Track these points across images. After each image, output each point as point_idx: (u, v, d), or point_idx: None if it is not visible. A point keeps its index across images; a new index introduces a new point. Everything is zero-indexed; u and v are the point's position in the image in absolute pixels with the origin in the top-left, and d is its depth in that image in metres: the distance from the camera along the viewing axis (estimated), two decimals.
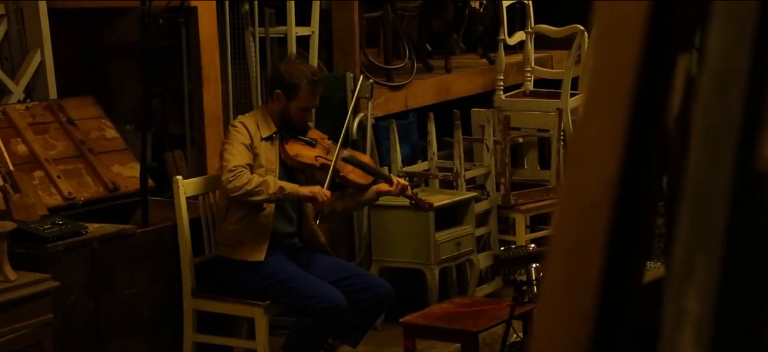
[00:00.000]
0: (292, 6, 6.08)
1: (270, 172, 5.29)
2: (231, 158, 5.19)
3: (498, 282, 6.77)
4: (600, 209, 0.98)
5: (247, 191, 5.13)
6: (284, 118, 5.33)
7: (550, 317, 1.02)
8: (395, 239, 6.22)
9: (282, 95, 5.29)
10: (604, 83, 1.02)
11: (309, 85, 5.27)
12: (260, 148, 5.28)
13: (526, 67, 7.31)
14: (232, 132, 5.28)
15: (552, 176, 6.92)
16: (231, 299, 5.33)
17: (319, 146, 5.45)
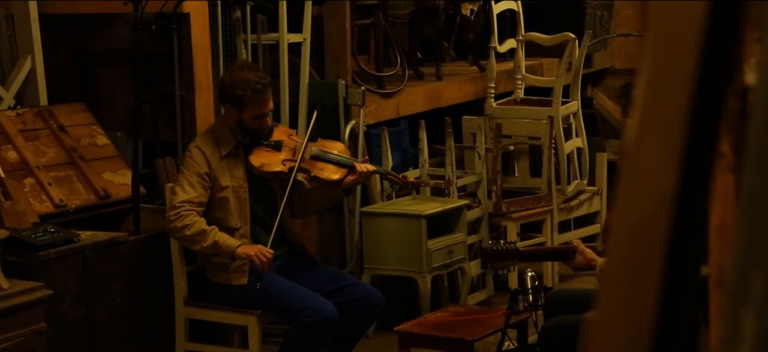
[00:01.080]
0: (284, 13, 6.06)
1: (239, 188, 5.19)
2: (179, 193, 5.11)
3: (489, 290, 6.76)
4: (656, 225, 0.97)
5: (184, 235, 5.08)
6: (243, 127, 5.20)
7: (608, 337, 1.00)
8: (387, 246, 6.20)
9: (232, 108, 5.16)
10: (660, 97, 1.01)
11: (254, 94, 5.09)
12: (221, 168, 5.16)
13: (516, 75, 7.30)
14: (187, 160, 5.17)
15: (543, 184, 6.91)
16: (223, 308, 5.30)
17: (285, 148, 5.29)
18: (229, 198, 5.18)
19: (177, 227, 5.08)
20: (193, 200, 5.10)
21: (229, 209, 5.18)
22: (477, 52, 7.54)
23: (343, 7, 6.43)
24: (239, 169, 5.22)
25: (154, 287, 5.40)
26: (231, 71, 5.29)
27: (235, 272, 5.20)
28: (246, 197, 5.22)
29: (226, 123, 5.26)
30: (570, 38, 7.11)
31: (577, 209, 7.19)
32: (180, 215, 5.07)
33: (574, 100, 7.13)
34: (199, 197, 5.12)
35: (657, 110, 1.03)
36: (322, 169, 5.31)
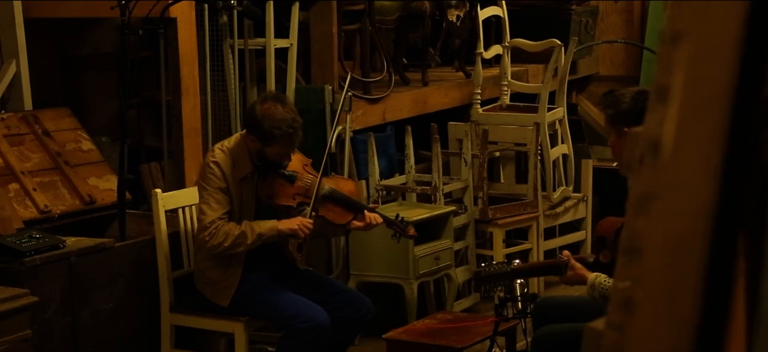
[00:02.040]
0: (271, 18, 6.04)
1: (246, 212, 5.13)
2: (208, 211, 5.03)
3: (475, 297, 6.75)
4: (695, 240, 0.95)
5: (226, 247, 5.03)
6: (261, 156, 5.09)
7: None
8: (373, 253, 6.18)
9: (256, 140, 5.03)
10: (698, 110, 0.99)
11: (284, 138, 4.97)
12: (235, 189, 5.09)
13: (502, 81, 7.30)
14: (209, 175, 5.07)
15: (529, 191, 6.90)
16: (210, 314, 5.26)
17: (300, 182, 5.18)
18: (233, 219, 5.12)
19: (216, 244, 5.02)
20: (222, 217, 5.05)
21: None
22: (463, 58, 7.53)
23: (330, 12, 6.41)
24: (250, 196, 5.14)
25: (139, 293, 5.37)
26: (263, 102, 5.08)
27: (221, 291, 5.15)
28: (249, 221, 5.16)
29: (246, 146, 5.11)
30: (556, 45, 7.11)
31: (562, 216, 7.18)
32: (213, 233, 5.01)
33: (560, 107, 7.13)
34: (225, 214, 5.06)
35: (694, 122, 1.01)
36: (331, 210, 5.22)
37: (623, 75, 8.52)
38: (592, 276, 4.27)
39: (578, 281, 4.36)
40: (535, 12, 8.06)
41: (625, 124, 4.24)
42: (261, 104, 5.08)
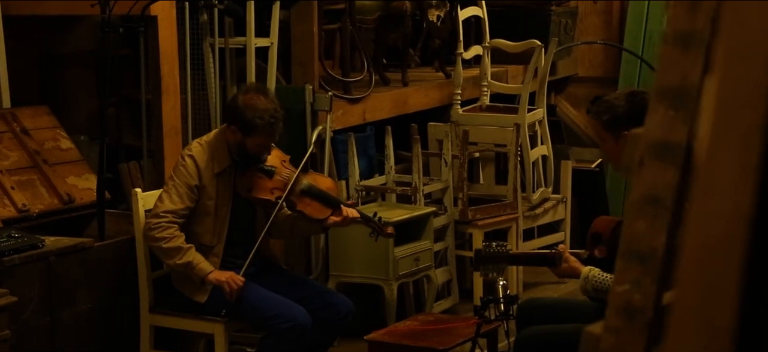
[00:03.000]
0: (251, 17, 6.00)
1: (222, 207, 5.13)
2: (167, 200, 5.03)
3: (455, 298, 6.73)
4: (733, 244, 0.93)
5: (160, 247, 5.02)
6: (241, 149, 5.11)
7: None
8: (353, 254, 6.16)
9: (237, 131, 5.04)
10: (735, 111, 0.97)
11: (266, 127, 4.99)
12: (211, 184, 5.08)
13: (482, 82, 7.28)
14: (180, 167, 5.07)
15: (509, 192, 6.89)
16: (190, 315, 5.23)
17: (278, 177, 5.18)
18: (210, 215, 5.09)
19: (155, 237, 5.00)
20: (177, 212, 5.03)
21: (208, 225, 5.11)
22: (443, 59, 7.51)
23: (310, 11, 6.38)
24: (227, 189, 5.13)
25: (119, 293, 5.33)
26: (245, 93, 5.13)
27: (198, 287, 5.12)
28: (226, 217, 5.14)
29: (224, 139, 5.13)
30: (536, 45, 7.10)
31: (541, 217, 7.18)
32: (161, 226, 4.99)
33: (540, 108, 7.12)
34: (184, 210, 5.04)
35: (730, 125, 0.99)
36: (309, 205, 5.21)
37: (602, 76, 8.53)
38: (586, 269, 4.28)
39: (572, 275, 4.36)
40: (515, 13, 8.06)
41: (624, 128, 4.24)
42: (243, 95, 5.11)
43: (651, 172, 1.93)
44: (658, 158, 1.92)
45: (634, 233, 1.96)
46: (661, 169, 1.93)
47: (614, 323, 1.99)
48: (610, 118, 4.27)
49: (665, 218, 1.93)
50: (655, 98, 1.94)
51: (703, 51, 1.88)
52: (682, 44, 1.89)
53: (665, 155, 1.92)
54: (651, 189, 1.93)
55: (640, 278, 1.95)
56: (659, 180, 1.93)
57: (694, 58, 1.89)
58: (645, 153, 1.95)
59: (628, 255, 1.96)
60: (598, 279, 4.24)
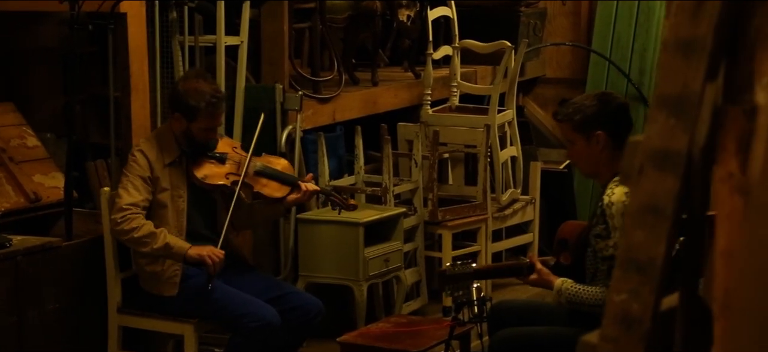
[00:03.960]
0: (222, 15, 5.95)
1: (178, 198, 5.11)
2: (125, 195, 5.01)
3: (424, 299, 6.71)
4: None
5: (133, 238, 4.97)
6: (189, 137, 5.12)
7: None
8: (323, 254, 6.12)
9: (181, 117, 5.07)
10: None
11: (208, 107, 5.02)
12: (163, 176, 5.07)
13: (452, 82, 7.26)
14: (131, 163, 5.08)
15: (478, 193, 6.88)
16: (159, 316, 5.17)
17: (230, 161, 5.21)
18: (168, 207, 5.08)
19: (125, 230, 4.96)
20: (138, 203, 5.01)
21: (166, 218, 5.07)
22: (412, 59, 7.48)
23: (281, 10, 6.33)
24: (180, 180, 5.11)
25: (87, 293, 5.27)
26: (185, 80, 5.19)
27: (166, 282, 5.08)
28: (184, 208, 5.11)
29: (171, 130, 5.15)
30: (506, 47, 7.09)
31: (511, 218, 7.17)
32: (127, 218, 4.96)
33: (510, 109, 7.11)
34: (144, 201, 5.03)
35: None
36: (266, 185, 5.22)
37: (570, 77, 8.53)
38: (559, 282, 4.28)
39: (543, 286, 4.36)
40: (484, 13, 8.05)
41: (595, 128, 4.23)
42: (183, 81, 5.19)
43: (650, 181, 1.91)
44: (658, 167, 1.91)
45: (633, 242, 1.94)
46: (661, 178, 1.91)
47: (611, 333, 1.97)
48: (582, 118, 4.26)
49: (665, 227, 1.91)
50: (654, 106, 1.92)
51: (705, 58, 1.87)
52: (683, 52, 1.87)
53: (665, 164, 1.90)
54: (650, 198, 1.91)
55: (638, 288, 1.93)
56: (659, 189, 1.91)
57: (696, 65, 1.87)
58: (644, 162, 1.93)
59: (627, 264, 1.94)
60: (572, 291, 4.24)
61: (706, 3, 1.82)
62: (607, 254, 4.15)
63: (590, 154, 4.28)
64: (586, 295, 4.20)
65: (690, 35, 1.84)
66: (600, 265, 4.22)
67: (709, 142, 1.86)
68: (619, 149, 4.28)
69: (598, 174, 4.32)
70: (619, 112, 4.31)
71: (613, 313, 1.96)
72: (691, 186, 1.90)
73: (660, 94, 1.88)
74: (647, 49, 8.07)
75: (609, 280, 4.12)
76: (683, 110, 1.85)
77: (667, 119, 1.87)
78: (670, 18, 1.87)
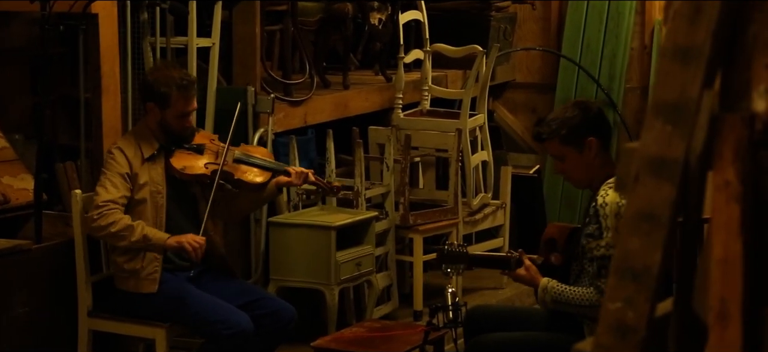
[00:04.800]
0: (193, 16, 5.91)
1: (157, 193, 5.08)
2: (102, 192, 4.99)
3: (394, 303, 6.69)
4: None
5: (110, 233, 4.94)
6: (165, 129, 5.12)
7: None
8: (294, 258, 6.08)
9: (155, 107, 5.08)
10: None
11: (179, 91, 5.04)
12: (142, 171, 5.06)
13: (423, 86, 7.25)
14: (109, 160, 5.07)
15: (449, 197, 6.86)
16: (130, 320, 5.13)
17: (208, 151, 5.22)
18: (147, 203, 5.05)
19: (102, 226, 4.93)
20: (116, 200, 4.98)
21: (146, 214, 5.04)
22: (383, 62, 7.46)
23: (253, 12, 6.29)
24: (159, 174, 5.09)
25: (57, 296, 5.22)
26: (154, 70, 5.24)
27: (145, 279, 5.05)
28: (163, 203, 5.08)
29: (147, 126, 5.15)
30: (478, 51, 7.08)
31: (481, 223, 7.16)
32: (103, 214, 4.94)
33: (481, 113, 7.11)
34: (122, 197, 5.01)
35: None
36: (246, 172, 5.23)
37: (540, 82, 8.54)
38: (544, 281, 4.28)
39: (528, 283, 4.36)
40: (455, 17, 8.04)
41: (584, 136, 4.24)
42: (151, 72, 5.26)
43: (646, 188, 1.90)
44: (654, 174, 1.89)
45: (629, 249, 1.92)
46: (657, 186, 1.90)
47: (606, 341, 1.96)
48: (569, 130, 4.27)
49: (661, 235, 1.90)
50: (651, 113, 1.90)
51: (703, 65, 1.86)
52: (681, 58, 1.86)
53: (661, 171, 1.89)
54: (646, 206, 1.90)
55: (633, 296, 1.92)
56: (655, 197, 1.90)
57: (694, 72, 1.86)
58: (640, 169, 1.91)
59: (622, 272, 1.93)
60: (557, 291, 4.24)
61: (704, 10, 1.81)
62: (598, 253, 4.14)
63: (584, 164, 4.29)
64: (571, 295, 4.20)
65: (688, 42, 1.83)
66: (587, 266, 4.21)
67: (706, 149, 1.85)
68: (607, 152, 4.31)
69: (592, 182, 4.31)
70: (601, 116, 4.36)
71: (607, 321, 1.94)
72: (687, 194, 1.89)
73: (657, 101, 1.87)
74: (617, 54, 8.10)
75: (596, 281, 4.13)
76: (680, 117, 1.84)
77: (664, 126, 1.86)
78: (668, 24, 1.86)
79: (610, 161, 4.32)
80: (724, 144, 1.82)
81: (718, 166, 1.83)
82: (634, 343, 1.92)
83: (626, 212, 1.92)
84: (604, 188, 4.20)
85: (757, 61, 1.82)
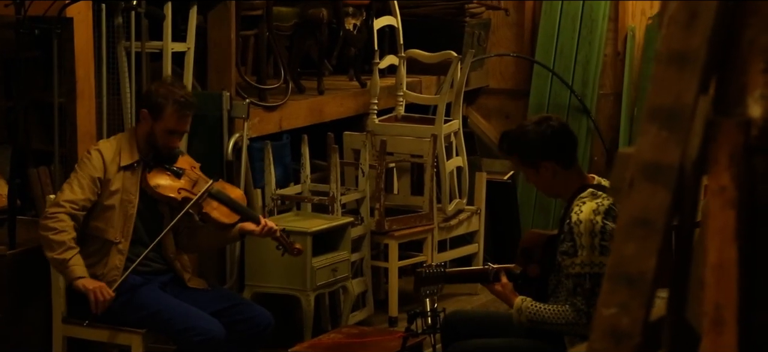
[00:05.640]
0: (168, 21, 5.87)
1: (128, 203, 5.04)
2: (67, 191, 4.97)
3: (369, 309, 6.67)
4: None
5: (46, 237, 4.91)
6: (151, 142, 5.08)
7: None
8: (270, 263, 6.05)
9: (148, 115, 5.05)
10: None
11: (175, 106, 5.01)
12: (116, 178, 5.02)
13: (398, 92, 7.23)
14: (84, 160, 5.04)
15: (425, 203, 6.86)
16: (106, 326, 5.08)
17: (186, 178, 5.15)
18: (116, 210, 5.01)
19: (48, 226, 4.91)
20: (77, 202, 4.95)
21: (113, 221, 5.00)
22: (358, 68, 7.45)
23: (228, 17, 6.27)
24: (133, 185, 5.05)
25: (31, 303, 5.17)
26: (159, 82, 5.25)
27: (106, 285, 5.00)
28: (133, 214, 5.04)
29: (135, 134, 5.12)
30: (453, 57, 7.08)
31: (456, 229, 7.16)
32: (57, 216, 4.91)
33: (456, 119, 7.10)
34: (84, 201, 4.97)
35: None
36: (215, 208, 5.15)
37: (513, 88, 8.54)
38: (518, 300, 4.28)
39: (504, 300, 4.35)
40: (429, 23, 8.04)
41: (540, 159, 4.23)
42: (157, 83, 5.25)
43: (641, 194, 1.90)
44: (649, 180, 1.89)
45: (623, 255, 1.92)
46: (652, 192, 1.89)
47: (599, 347, 1.95)
48: (522, 153, 4.26)
49: (656, 240, 1.90)
50: (646, 118, 1.90)
51: (698, 70, 1.85)
52: (676, 64, 1.85)
53: (657, 177, 1.88)
54: (641, 212, 1.90)
55: (628, 302, 1.91)
56: (650, 203, 1.89)
57: (689, 77, 1.86)
58: (635, 175, 1.91)
59: (616, 278, 1.92)
60: (532, 310, 4.23)
61: (699, 15, 1.81)
62: (574, 271, 4.12)
63: (544, 182, 4.29)
64: (546, 314, 4.18)
65: (683, 47, 1.82)
66: (564, 281, 4.20)
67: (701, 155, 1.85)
68: (571, 168, 4.28)
69: (560, 194, 4.33)
70: (559, 137, 4.26)
71: (601, 327, 1.93)
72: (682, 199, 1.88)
73: (652, 106, 1.87)
74: (590, 60, 8.11)
75: (572, 298, 4.12)
76: (676, 123, 1.84)
77: (659, 132, 1.86)
78: (663, 29, 1.86)
79: (577, 176, 4.28)
80: (719, 149, 1.81)
81: (714, 172, 1.82)
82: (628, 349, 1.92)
83: (621, 217, 1.92)
84: (578, 202, 4.18)
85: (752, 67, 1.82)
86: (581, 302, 4.09)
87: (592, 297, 4.05)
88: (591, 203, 4.14)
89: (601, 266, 4.06)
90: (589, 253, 4.08)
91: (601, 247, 4.08)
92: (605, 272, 1.96)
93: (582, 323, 4.07)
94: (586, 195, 4.19)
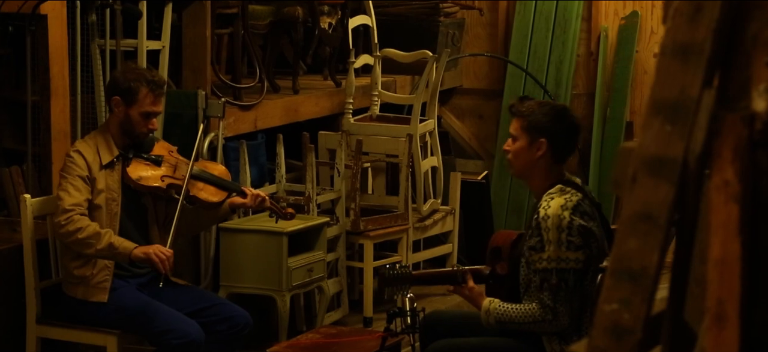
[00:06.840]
0: (143, 19, 5.82)
1: (112, 201, 4.99)
2: (66, 197, 4.90)
3: (344, 310, 6.64)
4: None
5: (77, 239, 4.85)
6: (127, 131, 5.02)
7: None
8: (245, 263, 6.01)
9: (120, 102, 4.98)
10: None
11: (149, 86, 4.96)
12: (99, 177, 4.97)
13: (373, 92, 7.21)
14: (69, 164, 4.98)
15: (400, 203, 6.83)
16: (81, 327, 5.03)
17: (166, 164, 5.13)
18: (102, 209, 4.96)
19: (70, 231, 4.83)
20: (81, 203, 4.90)
21: (100, 221, 4.95)
22: (333, 67, 7.41)
23: (203, 15, 6.22)
24: (115, 182, 5.00)
25: (4, 303, 5.11)
26: (125, 67, 5.21)
27: (95, 287, 4.96)
28: (117, 211, 4.99)
29: (108, 130, 5.06)
30: (428, 56, 7.06)
31: (431, 229, 7.14)
32: (71, 219, 4.85)
33: (431, 119, 7.09)
34: (86, 200, 4.93)
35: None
36: (202, 189, 5.13)
37: (487, 88, 8.54)
38: (486, 302, 4.28)
39: (472, 302, 4.35)
40: (403, 23, 8.02)
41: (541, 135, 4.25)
42: (122, 69, 5.28)
43: (644, 189, 1.88)
44: (653, 174, 1.87)
45: (625, 250, 1.90)
46: (655, 186, 1.87)
47: (601, 343, 1.93)
48: (533, 121, 4.27)
49: (659, 235, 1.88)
50: (649, 112, 1.88)
51: (703, 63, 1.84)
52: (681, 56, 1.83)
53: (660, 171, 1.86)
54: (644, 206, 1.88)
55: (629, 298, 1.89)
56: (653, 197, 1.88)
57: (694, 70, 1.84)
58: (638, 169, 1.89)
59: (618, 273, 1.90)
60: (500, 311, 4.23)
61: (704, 8, 1.79)
62: (540, 267, 4.13)
63: (528, 157, 4.29)
64: (514, 313, 4.19)
65: (688, 40, 1.81)
66: (533, 277, 4.20)
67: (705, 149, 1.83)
68: (556, 163, 4.29)
69: (529, 179, 4.33)
70: (569, 131, 4.32)
71: (603, 323, 1.91)
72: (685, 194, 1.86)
73: (656, 100, 1.85)
74: (563, 61, 8.12)
75: (539, 293, 4.12)
76: (680, 116, 1.82)
77: (663, 125, 1.84)
78: (668, 22, 1.84)
79: (558, 173, 4.30)
80: (723, 144, 1.79)
81: (717, 166, 1.80)
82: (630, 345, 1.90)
83: (624, 212, 1.90)
84: (546, 198, 4.19)
85: (756, 60, 1.80)
86: (548, 297, 4.11)
87: (558, 293, 4.09)
88: (559, 199, 4.15)
89: (569, 261, 4.08)
90: (556, 248, 4.09)
91: (569, 242, 4.10)
92: (607, 268, 1.94)
93: (548, 320, 4.10)
94: (555, 191, 4.21)
